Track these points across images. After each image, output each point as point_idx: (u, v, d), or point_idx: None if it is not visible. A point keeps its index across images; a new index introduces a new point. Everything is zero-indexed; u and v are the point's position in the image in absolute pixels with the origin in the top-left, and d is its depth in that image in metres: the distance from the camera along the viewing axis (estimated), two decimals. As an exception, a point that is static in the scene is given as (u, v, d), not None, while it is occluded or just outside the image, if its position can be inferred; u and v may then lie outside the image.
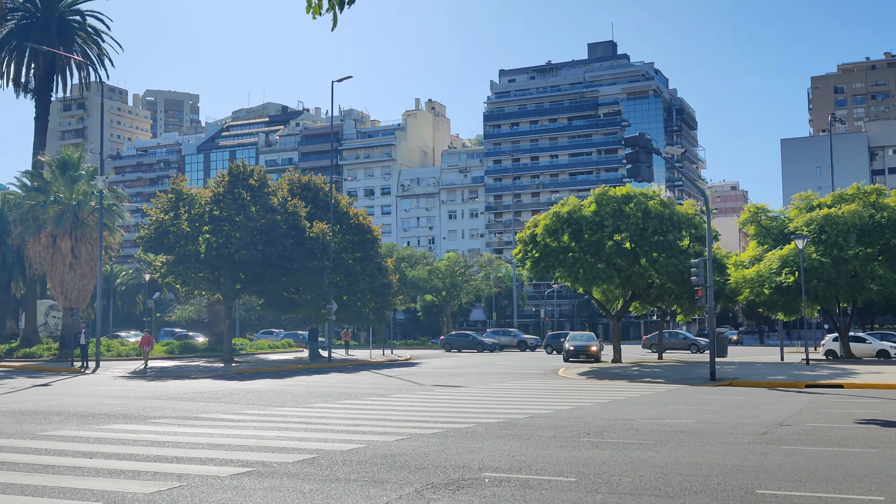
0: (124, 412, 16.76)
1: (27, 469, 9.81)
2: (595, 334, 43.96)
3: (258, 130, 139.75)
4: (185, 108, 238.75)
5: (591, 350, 39.60)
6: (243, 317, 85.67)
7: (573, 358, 39.51)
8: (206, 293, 45.63)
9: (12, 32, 47.38)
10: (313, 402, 19.01)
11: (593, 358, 39.36)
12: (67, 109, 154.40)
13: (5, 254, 54.71)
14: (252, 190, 40.26)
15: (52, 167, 44.57)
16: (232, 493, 8.40)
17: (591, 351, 39.59)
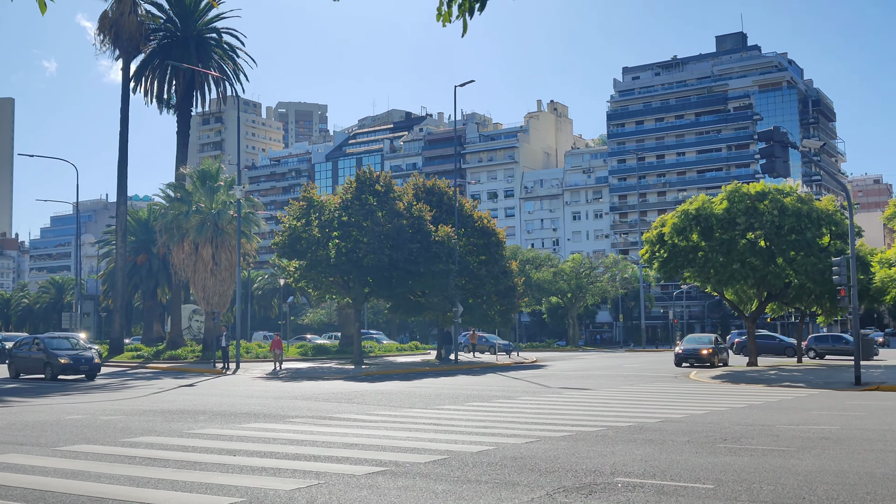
0: (263, 412, 17.47)
1: (176, 465, 10.37)
2: (718, 337, 40.69)
3: (383, 137, 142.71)
4: (314, 119, 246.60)
5: (701, 353, 37.05)
6: (371, 320, 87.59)
7: (684, 362, 37.46)
8: (337, 297, 46.94)
9: (154, 52, 50.29)
10: (442, 404, 19.23)
11: (708, 363, 36.88)
12: (206, 123, 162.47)
13: (152, 261, 58.15)
14: (378, 195, 41.11)
15: (193, 179, 46.98)
16: (367, 491, 8.62)
17: (701, 354, 37.04)
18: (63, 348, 31.31)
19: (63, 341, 33.01)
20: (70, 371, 30.26)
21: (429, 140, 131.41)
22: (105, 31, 47.26)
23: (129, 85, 49.21)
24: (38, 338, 32.94)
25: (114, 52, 48.05)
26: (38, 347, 31.48)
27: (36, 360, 31.02)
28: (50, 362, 30.25)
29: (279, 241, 41.35)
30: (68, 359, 30.19)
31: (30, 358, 31.39)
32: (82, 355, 30.79)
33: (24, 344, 33.26)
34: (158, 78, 50.55)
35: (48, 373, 30.28)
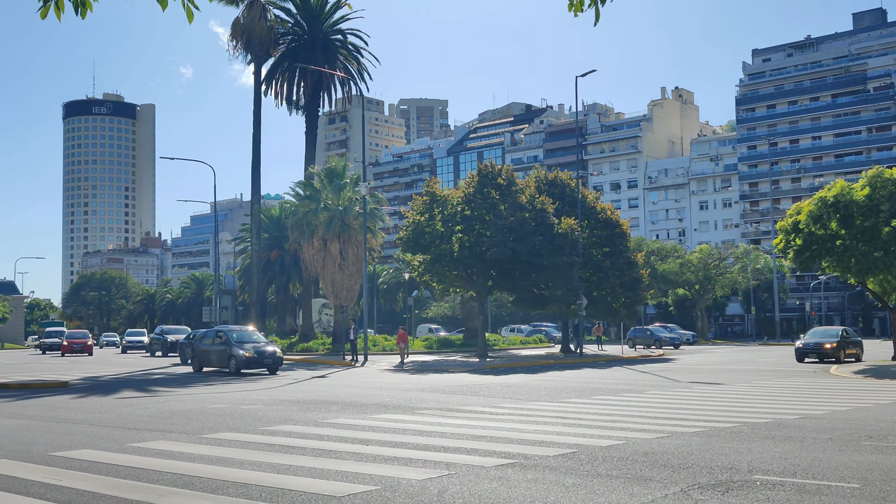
0: (393, 403, 17.87)
1: (313, 453, 10.77)
2: (848, 331, 37.70)
3: (503, 130, 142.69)
4: (435, 114, 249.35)
5: (824, 348, 34.64)
6: (495, 313, 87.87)
7: (806, 358, 35.18)
8: (460, 290, 47.38)
9: (283, 55, 52.17)
10: (568, 398, 19.12)
11: (832, 358, 34.45)
12: (332, 122, 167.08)
13: (284, 257, 60.38)
14: (500, 189, 41.19)
15: (320, 177, 48.47)
16: (497, 483, 8.69)
17: (824, 349, 34.64)
18: (247, 341, 30.29)
19: (245, 333, 31.72)
20: (254, 365, 29.33)
21: (550, 132, 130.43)
22: (237, 37, 49.34)
23: (260, 88, 51.22)
24: (221, 330, 31.56)
25: (246, 56, 50.14)
26: (220, 340, 30.55)
27: (219, 353, 30.16)
28: (234, 356, 29.26)
29: (403, 235, 42.09)
30: (253, 352, 29.25)
31: (212, 351, 30.60)
32: (265, 349, 29.85)
33: (206, 337, 32.28)
34: (287, 80, 52.40)
35: (232, 366, 29.37)
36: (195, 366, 31.42)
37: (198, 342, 32.32)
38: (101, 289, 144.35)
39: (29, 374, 31.63)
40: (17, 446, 11.70)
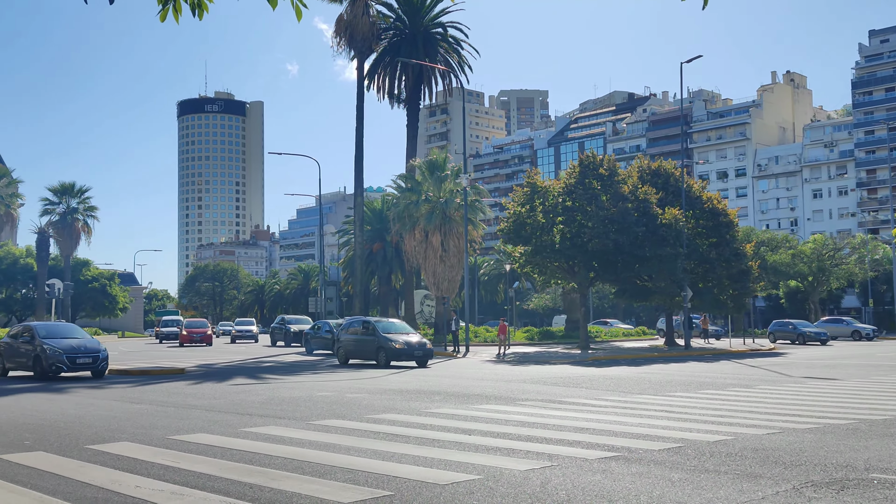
0: (495, 394, 17.94)
1: (417, 442, 10.95)
2: None
3: (605, 120, 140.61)
4: (536, 105, 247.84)
5: None
6: (597, 304, 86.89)
7: None
8: (562, 282, 47.04)
9: (385, 50, 52.89)
10: (673, 391, 18.75)
11: None
12: (433, 115, 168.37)
13: (386, 249, 61.32)
14: (602, 179, 40.66)
15: (422, 169, 48.96)
16: (601, 475, 8.63)
17: None
18: (395, 332, 29.62)
19: (393, 324, 31.18)
20: (404, 357, 28.49)
21: (653, 121, 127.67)
22: (341, 34, 50.28)
23: (363, 83, 52.05)
24: (367, 321, 30.75)
25: (349, 52, 51.04)
26: (367, 331, 29.70)
27: (366, 344, 29.41)
28: (384, 347, 28.52)
29: (504, 227, 42.09)
30: (403, 344, 28.49)
31: (359, 342, 29.87)
32: (414, 340, 29.10)
33: (351, 327, 31.36)
34: (389, 75, 53.09)
35: (381, 358, 28.58)
36: (340, 358, 30.57)
37: (342, 333, 31.33)
38: (213, 280, 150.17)
39: (148, 361, 33.25)
40: (138, 430, 12.34)
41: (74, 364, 23.07)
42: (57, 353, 22.86)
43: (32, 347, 23.48)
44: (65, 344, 23.39)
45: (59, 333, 24.40)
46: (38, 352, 23.10)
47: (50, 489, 8.09)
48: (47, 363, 22.79)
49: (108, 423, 13.23)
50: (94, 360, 23.42)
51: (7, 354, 24.91)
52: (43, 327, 24.99)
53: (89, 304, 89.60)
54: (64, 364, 22.84)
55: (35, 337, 23.63)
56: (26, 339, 24.01)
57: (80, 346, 23.56)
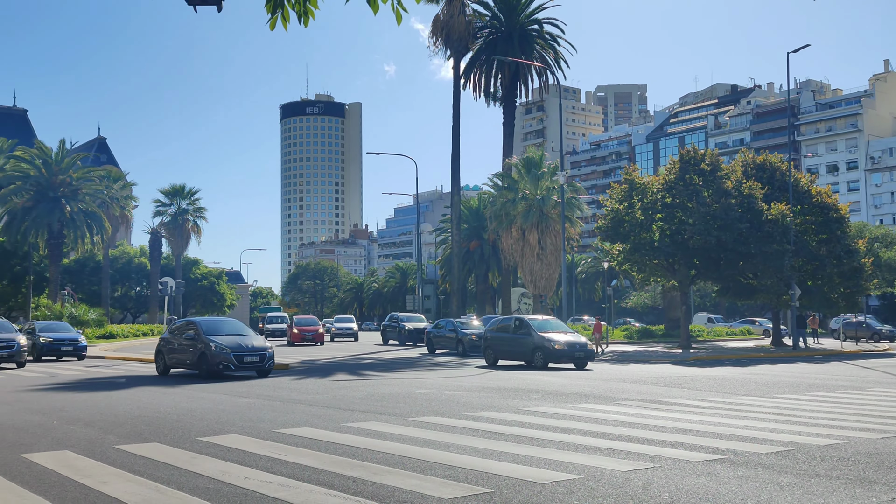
0: (594, 393, 17.76)
1: (515, 440, 10.95)
2: None
3: (706, 113, 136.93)
4: (633, 100, 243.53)
5: None
6: (698, 303, 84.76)
7: None
8: (661, 280, 46.12)
9: (481, 49, 53.03)
10: (780, 393, 18.14)
11: None
12: (528, 113, 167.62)
13: (483, 247, 61.51)
14: (704, 174, 39.66)
15: (518, 167, 48.89)
16: (705, 478, 8.44)
17: None
18: (553, 330, 27.31)
19: (548, 322, 28.81)
20: (565, 358, 26.21)
21: (757, 113, 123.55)
22: (437, 34, 50.71)
23: (459, 82, 52.34)
24: (521, 318, 28.28)
25: (445, 52, 51.43)
26: (522, 330, 27.35)
27: (521, 343, 27.21)
28: (541, 347, 26.29)
29: (602, 224, 41.56)
30: (564, 345, 26.14)
31: (512, 341, 27.67)
32: (576, 340, 26.75)
33: (501, 324, 29.10)
34: (485, 73, 53.22)
35: (538, 359, 26.30)
36: (489, 359, 28.26)
37: (490, 332, 29.12)
38: (314, 278, 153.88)
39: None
40: (246, 423, 12.79)
41: (242, 363, 21.71)
42: (224, 352, 21.53)
43: (197, 345, 22.10)
44: (231, 341, 21.96)
45: (223, 330, 22.99)
46: (204, 349, 21.76)
47: (165, 479, 8.48)
48: (214, 362, 21.52)
49: (218, 416, 13.75)
50: (261, 359, 21.99)
51: (168, 352, 23.55)
52: (206, 323, 23.50)
53: (199, 302, 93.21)
54: (231, 363, 21.52)
55: (199, 333, 22.22)
56: (190, 335, 22.54)
57: (248, 343, 22.12)
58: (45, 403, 16.12)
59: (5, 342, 27.80)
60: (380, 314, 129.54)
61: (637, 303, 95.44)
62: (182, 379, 21.96)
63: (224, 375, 21.81)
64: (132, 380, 22.11)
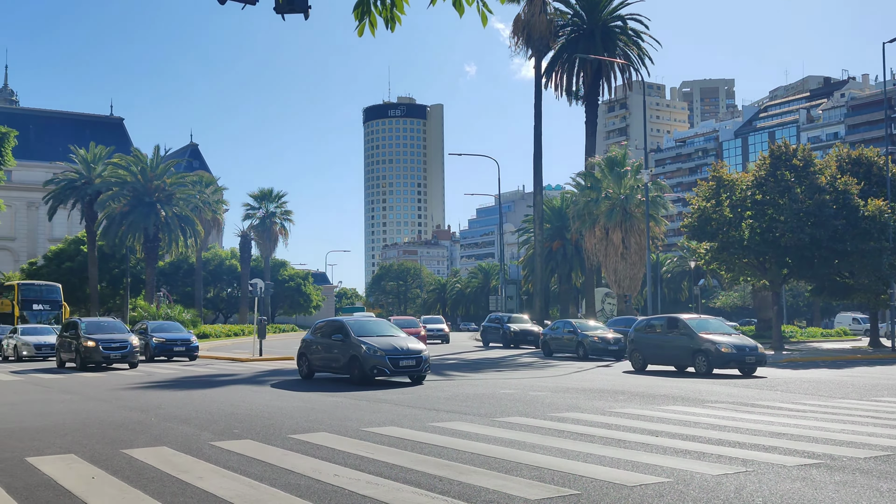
0: (681, 395, 17.43)
1: (602, 442, 10.85)
2: None
3: (798, 107, 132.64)
4: (721, 95, 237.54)
5: None
6: (790, 303, 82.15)
7: None
8: (751, 279, 44.87)
9: (563, 47, 52.64)
10: (880, 396, 17.44)
11: None
12: (611, 111, 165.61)
13: (566, 247, 61.07)
14: (796, 170, 38.42)
15: (601, 166, 48.34)
16: (801, 483, 8.20)
17: None
18: (714, 331, 24.29)
19: (707, 322, 25.65)
20: (734, 363, 23.12)
21: (852, 106, 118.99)
22: (518, 33, 50.60)
23: (540, 81, 52.09)
24: (677, 318, 25.20)
25: (526, 51, 51.25)
26: (676, 331, 24.55)
27: (677, 346, 24.26)
28: (703, 350, 23.23)
29: (688, 223, 40.71)
30: (731, 348, 23.05)
31: (667, 344, 24.76)
32: (745, 344, 23.56)
33: (650, 324, 25.92)
34: (567, 71, 52.82)
35: (700, 364, 23.30)
36: (636, 363, 25.94)
37: (637, 333, 26.30)
38: (398, 279, 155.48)
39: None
40: (334, 421, 13.03)
41: (398, 367, 19.77)
42: (378, 355, 19.63)
43: (346, 347, 20.41)
44: (384, 343, 20.18)
45: (374, 330, 21.25)
46: (355, 352, 19.99)
47: (258, 475, 8.73)
48: (368, 366, 19.62)
49: (307, 414, 14.06)
50: (416, 363, 20.01)
51: (312, 354, 21.93)
52: (356, 324, 21.70)
53: (286, 303, 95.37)
54: (387, 367, 19.58)
55: (349, 334, 20.55)
56: (338, 337, 20.84)
57: (402, 346, 20.20)
58: (143, 401, 16.78)
59: (118, 343, 28.03)
60: (462, 315, 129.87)
61: (726, 303, 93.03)
62: (271, 377, 22.48)
63: (377, 381, 20.28)
64: (226, 379, 22.79)
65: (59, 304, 52.80)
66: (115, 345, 27.89)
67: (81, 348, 27.86)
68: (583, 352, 32.83)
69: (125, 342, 28.13)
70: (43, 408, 15.75)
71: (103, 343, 27.74)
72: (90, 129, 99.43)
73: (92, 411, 14.98)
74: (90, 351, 27.65)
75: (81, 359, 27.86)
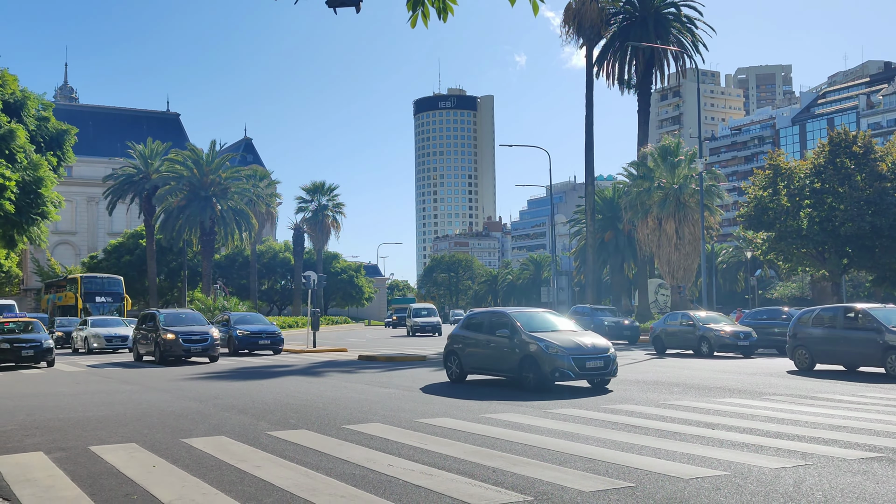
0: (738, 387, 17.15)
1: (656, 434, 10.74)
2: None
3: (857, 93, 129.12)
4: (777, 81, 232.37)
5: None
6: (850, 293, 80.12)
7: None
8: (810, 269, 43.96)
9: (614, 35, 52.03)
10: (946, 389, 16.91)
11: None
12: (664, 99, 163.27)
13: (618, 238, 60.47)
14: (856, 157, 37.52)
15: (653, 155, 47.70)
16: (862, 477, 8.02)
17: None
18: None
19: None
20: None
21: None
22: (569, 22, 50.16)
23: (592, 70, 51.56)
24: (862, 310, 20.55)
25: (577, 40, 50.80)
26: (860, 324, 20.10)
27: (861, 341, 19.78)
28: None
29: (744, 212, 40.07)
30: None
31: (846, 340, 20.35)
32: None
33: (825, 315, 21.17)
34: (619, 60, 52.20)
35: (892, 364, 18.91)
36: (800, 362, 21.74)
37: (802, 327, 21.97)
38: (449, 270, 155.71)
39: (393, 348, 35.16)
40: (387, 412, 13.14)
41: (584, 370, 15.95)
42: (559, 355, 15.86)
43: (515, 345, 16.63)
44: (565, 340, 16.28)
45: (544, 325, 17.30)
46: (527, 351, 16.28)
47: (314, 464, 8.85)
48: (547, 368, 15.87)
49: (361, 405, 14.20)
50: (605, 364, 16.24)
51: (466, 352, 18.13)
52: (523, 316, 17.50)
53: (339, 295, 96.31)
54: (571, 370, 15.80)
55: (518, 330, 16.71)
56: (504, 332, 17.02)
57: (587, 343, 16.38)
58: (201, 391, 17.12)
59: (199, 335, 26.86)
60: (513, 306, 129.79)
61: (783, 293, 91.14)
62: (326, 368, 22.72)
63: (555, 388, 16.47)
64: (281, 370, 23.13)
65: (121, 297, 54.10)
66: (196, 337, 26.79)
67: (161, 341, 26.69)
68: (707, 347, 28.10)
69: (206, 335, 26.99)
70: (106, 398, 16.20)
71: (183, 336, 26.65)
72: (147, 124, 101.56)
73: (152, 401, 15.35)
74: (170, 344, 26.54)
75: (161, 352, 26.63)
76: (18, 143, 32.85)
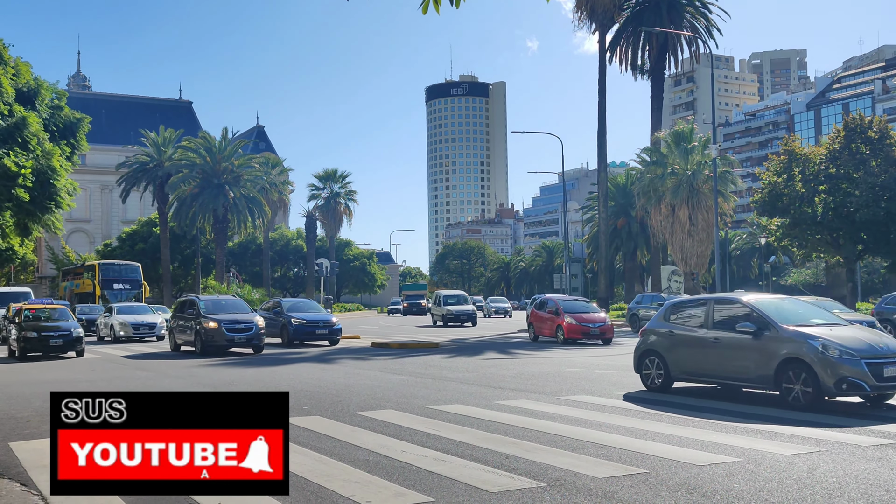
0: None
1: (669, 420, 10.79)
2: None
3: (873, 78, 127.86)
4: (792, 66, 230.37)
5: None
6: (865, 280, 79.64)
7: None
8: (825, 256, 43.71)
9: (627, 20, 51.64)
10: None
11: None
12: (677, 84, 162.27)
13: (631, 224, 60.30)
14: (871, 143, 37.21)
15: (667, 141, 47.44)
16: (876, 463, 8.00)
17: None
18: None
19: None
20: None
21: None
22: (582, 7, 49.81)
23: (604, 56, 51.23)
24: None
25: (590, 25, 50.44)
26: None
27: None
28: None
29: (758, 198, 39.84)
30: None
31: None
32: None
33: None
34: (632, 45, 51.85)
35: None
36: None
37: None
38: (461, 258, 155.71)
39: (406, 335, 35.24)
40: (400, 399, 13.19)
41: (882, 379, 11.32)
42: (843, 359, 11.33)
43: (766, 343, 12.17)
44: (852, 339, 11.75)
45: (798, 316, 12.77)
46: (792, 353, 11.73)
47: (327, 450, 8.90)
48: (830, 379, 11.30)
49: (374, 391, 14.25)
50: None
51: (677, 352, 13.78)
52: (769, 305, 12.98)
53: (351, 282, 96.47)
54: (865, 381, 11.22)
55: (770, 324, 12.25)
56: (746, 326, 12.49)
57: (883, 344, 11.76)
58: (215, 378, 17.23)
59: (243, 324, 24.58)
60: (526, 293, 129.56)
61: (797, 280, 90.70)
62: (339, 355, 22.76)
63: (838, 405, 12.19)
64: (294, 357, 23.23)
65: (139, 284, 54.30)
66: (240, 326, 24.46)
67: (202, 330, 24.46)
68: None
69: (251, 323, 24.71)
70: (122, 384, 16.32)
71: (226, 324, 24.33)
72: (160, 112, 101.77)
73: (169, 388, 15.45)
74: (212, 333, 24.30)
75: (202, 342, 24.48)
76: (31, 131, 33.00)
